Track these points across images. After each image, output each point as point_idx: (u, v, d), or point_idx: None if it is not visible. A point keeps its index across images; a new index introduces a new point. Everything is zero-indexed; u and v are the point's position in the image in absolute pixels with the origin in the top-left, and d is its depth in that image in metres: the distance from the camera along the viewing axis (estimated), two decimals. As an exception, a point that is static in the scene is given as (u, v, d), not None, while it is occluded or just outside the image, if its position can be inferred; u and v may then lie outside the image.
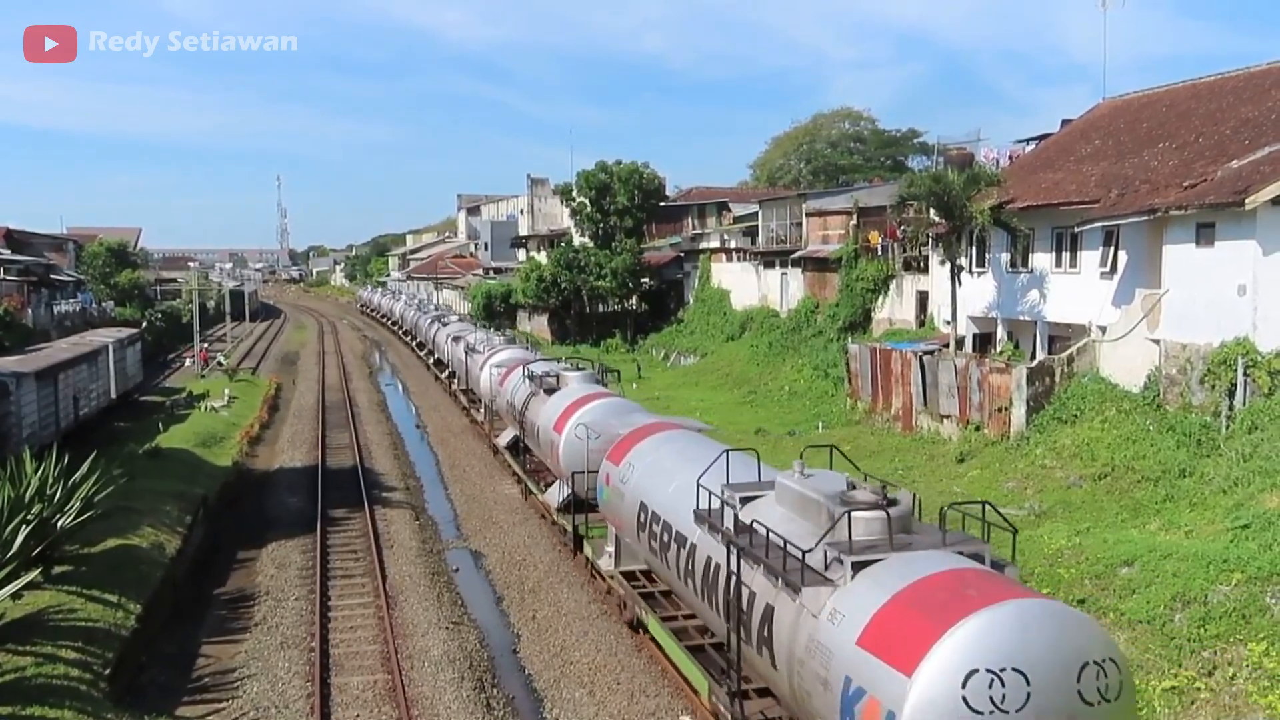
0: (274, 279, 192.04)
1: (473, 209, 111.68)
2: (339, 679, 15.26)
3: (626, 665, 15.64)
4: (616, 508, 16.35)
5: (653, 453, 15.87)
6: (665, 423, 17.85)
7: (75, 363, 31.56)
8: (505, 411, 28.02)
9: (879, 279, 37.66)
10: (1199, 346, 21.17)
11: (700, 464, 13.26)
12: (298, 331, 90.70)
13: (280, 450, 33.63)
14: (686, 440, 16.17)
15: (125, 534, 19.12)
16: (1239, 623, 13.35)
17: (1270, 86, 26.66)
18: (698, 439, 16.44)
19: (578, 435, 19.31)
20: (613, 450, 17.02)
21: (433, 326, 54.98)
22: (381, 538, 22.53)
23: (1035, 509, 20.03)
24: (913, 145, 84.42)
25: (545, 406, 22.56)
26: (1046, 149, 34.31)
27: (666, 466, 15.04)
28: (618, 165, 59.13)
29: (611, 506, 16.70)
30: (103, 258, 74.18)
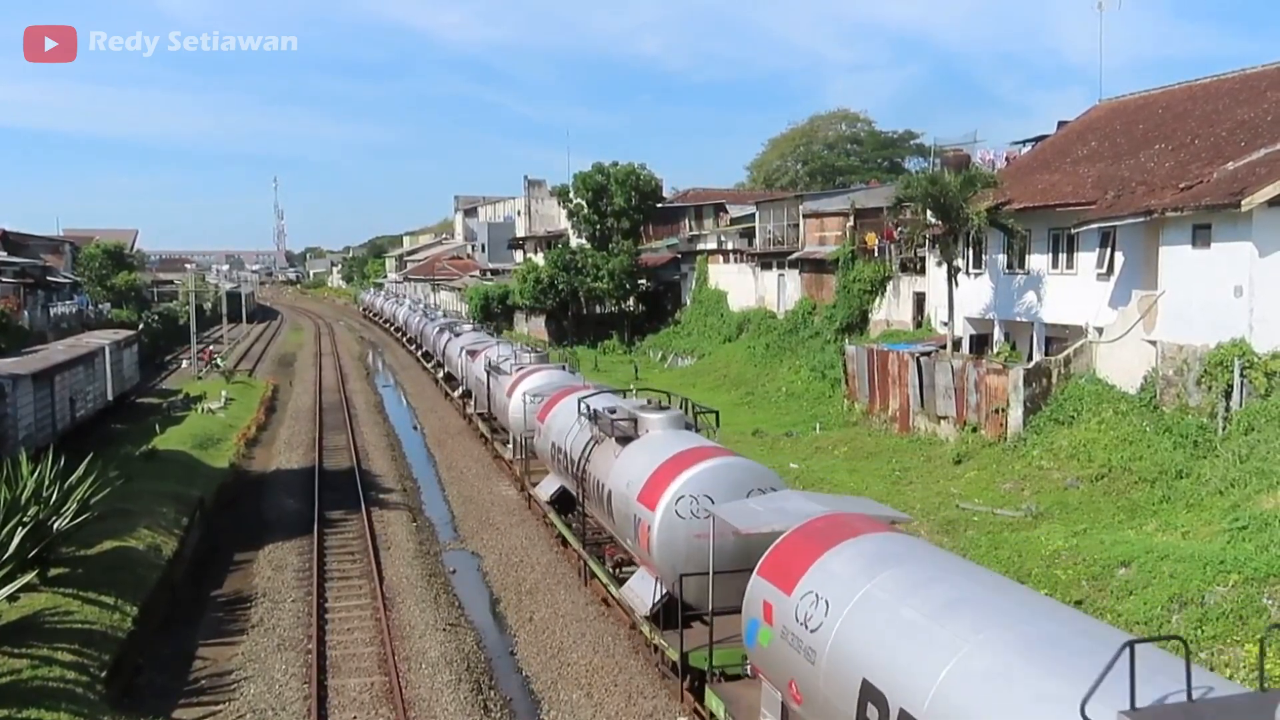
0: (271, 281, 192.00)
1: (470, 210, 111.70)
2: (336, 681, 15.23)
3: (624, 667, 15.63)
4: (790, 667, 9.84)
5: (865, 578, 9.32)
6: (853, 518, 11.05)
7: (72, 365, 31.51)
8: (549, 456, 21.84)
9: (876, 280, 37.68)
10: (1195, 348, 21.20)
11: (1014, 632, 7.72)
12: (294, 333, 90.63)
13: (277, 452, 33.59)
14: (922, 565, 9.49)
15: (122, 536, 19.09)
16: (1236, 624, 13.36)
17: (1266, 88, 26.72)
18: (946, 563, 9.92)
19: (679, 513, 14.21)
20: (779, 563, 10.60)
21: (442, 336, 47.92)
22: (379, 539, 22.50)
23: (1032, 510, 20.05)
24: (909, 147, 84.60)
25: (621, 464, 16.54)
26: (1043, 151, 34.36)
27: (911, 620, 8.48)
28: (614, 167, 59.14)
29: (778, 661, 10.18)
30: (99, 259, 74.11)
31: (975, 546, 18.22)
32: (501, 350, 32.91)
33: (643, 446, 16.52)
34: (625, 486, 15.84)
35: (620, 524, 16.27)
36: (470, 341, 40.24)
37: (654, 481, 14.93)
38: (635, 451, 16.49)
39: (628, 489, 15.67)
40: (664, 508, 14.32)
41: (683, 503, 14.20)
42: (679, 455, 15.21)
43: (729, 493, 13.92)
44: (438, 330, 50.73)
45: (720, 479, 14.33)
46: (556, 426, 21.33)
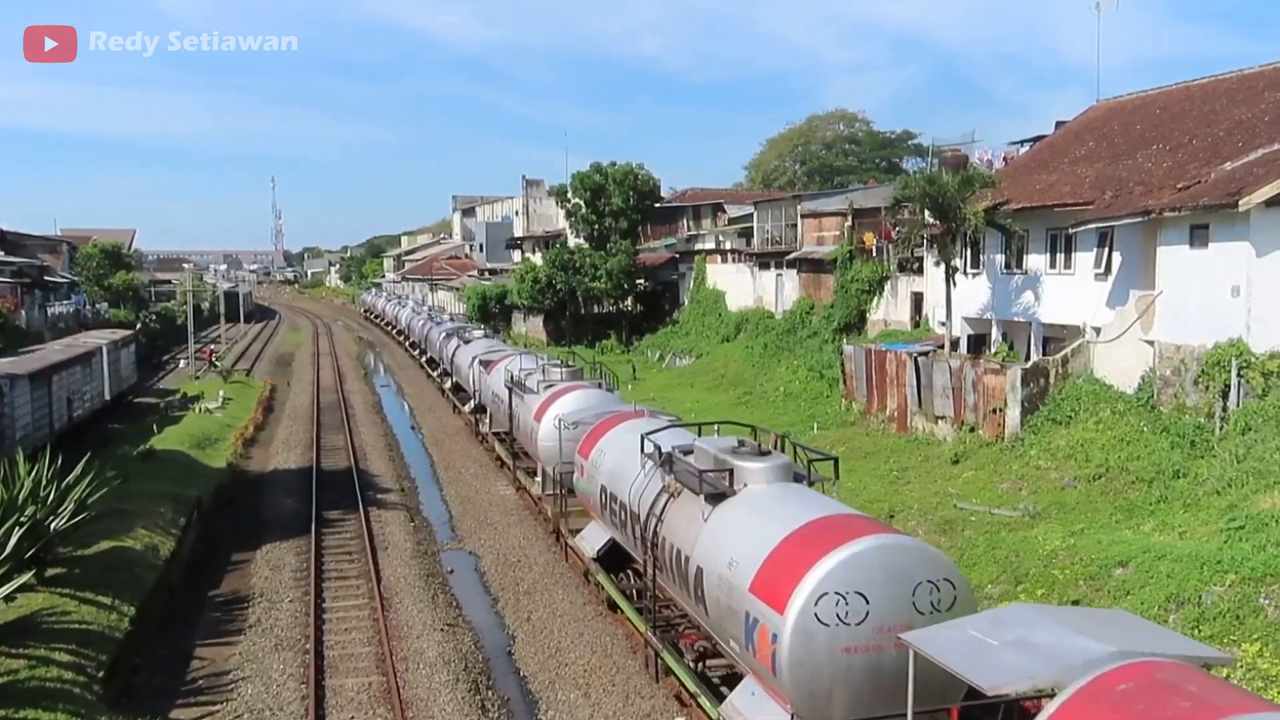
0: (269, 280, 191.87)
1: (468, 210, 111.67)
2: (334, 681, 15.23)
3: (622, 667, 15.63)
4: None
5: None
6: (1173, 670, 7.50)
7: (69, 364, 31.49)
8: (597, 502, 17.64)
9: (874, 280, 37.69)
10: (1193, 348, 21.22)
11: None
12: (292, 333, 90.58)
13: (275, 452, 33.57)
14: None
15: (119, 536, 19.08)
16: (1233, 623, 13.38)
17: (1263, 89, 26.74)
18: None
19: (820, 618, 10.26)
20: None
21: (450, 343, 43.38)
22: (376, 539, 22.50)
23: (1030, 510, 20.06)
24: (907, 147, 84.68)
25: (715, 532, 12.48)
26: (1041, 151, 34.38)
27: None
28: (613, 167, 59.13)
29: None
30: (97, 259, 74.04)
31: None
32: (524, 363, 27.76)
33: (746, 509, 12.41)
34: (727, 567, 11.79)
35: (718, 618, 12.15)
36: (484, 350, 35.74)
37: (777, 566, 10.90)
38: (735, 515, 12.39)
39: (731, 572, 11.68)
40: (799, 611, 10.22)
41: (825, 603, 10.17)
42: (809, 529, 11.15)
43: (890, 587, 10.31)
44: (444, 335, 46.30)
45: (877, 568, 10.36)
46: (607, 466, 17.22)
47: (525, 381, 25.39)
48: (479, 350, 36.02)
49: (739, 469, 12.97)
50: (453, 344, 42.46)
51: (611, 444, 17.55)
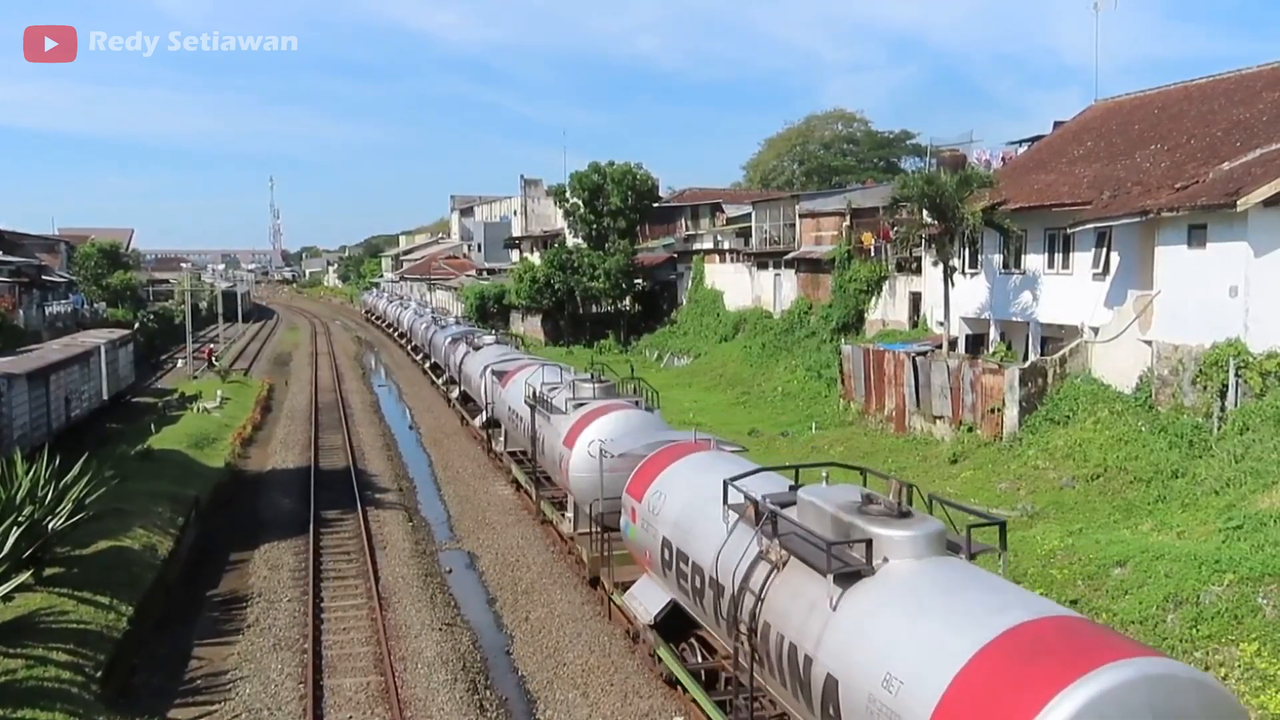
0: (267, 280, 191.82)
1: (466, 210, 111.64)
2: (332, 681, 15.21)
3: (620, 667, 15.62)
4: None
5: None
6: None
7: (67, 364, 31.46)
8: (658, 558, 14.00)
9: (872, 280, 37.73)
10: (1191, 348, 21.25)
11: None
12: (290, 332, 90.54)
13: (273, 451, 33.55)
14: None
15: (117, 536, 19.06)
16: (1231, 623, 13.39)
17: (1262, 88, 26.78)
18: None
19: None
20: None
21: (457, 349, 39.37)
22: (374, 539, 22.48)
23: (1028, 510, 20.07)
24: (906, 147, 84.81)
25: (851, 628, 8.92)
26: (1039, 151, 34.41)
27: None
28: (611, 166, 59.14)
29: None
30: (95, 259, 73.98)
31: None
32: (547, 375, 23.03)
33: (894, 598, 8.84)
34: (881, 685, 8.17)
35: None
36: (497, 358, 31.55)
37: (975, 698, 7.36)
38: (882, 607, 8.82)
39: (890, 695, 8.06)
40: None
41: None
42: (1016, 641, 7.58)
43: None
44: (450, 340, 42.22)
45: (1143, 711, 6.85)
46: (671, 514, 13.70)
47: (551, 399, 21.61)
48: (491, 358, 31.96)
49: (879, 538, 9.30)
50: (460, 350, 38.37)
51: (674, 484, 14.20)
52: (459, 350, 38.52)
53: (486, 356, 33.02)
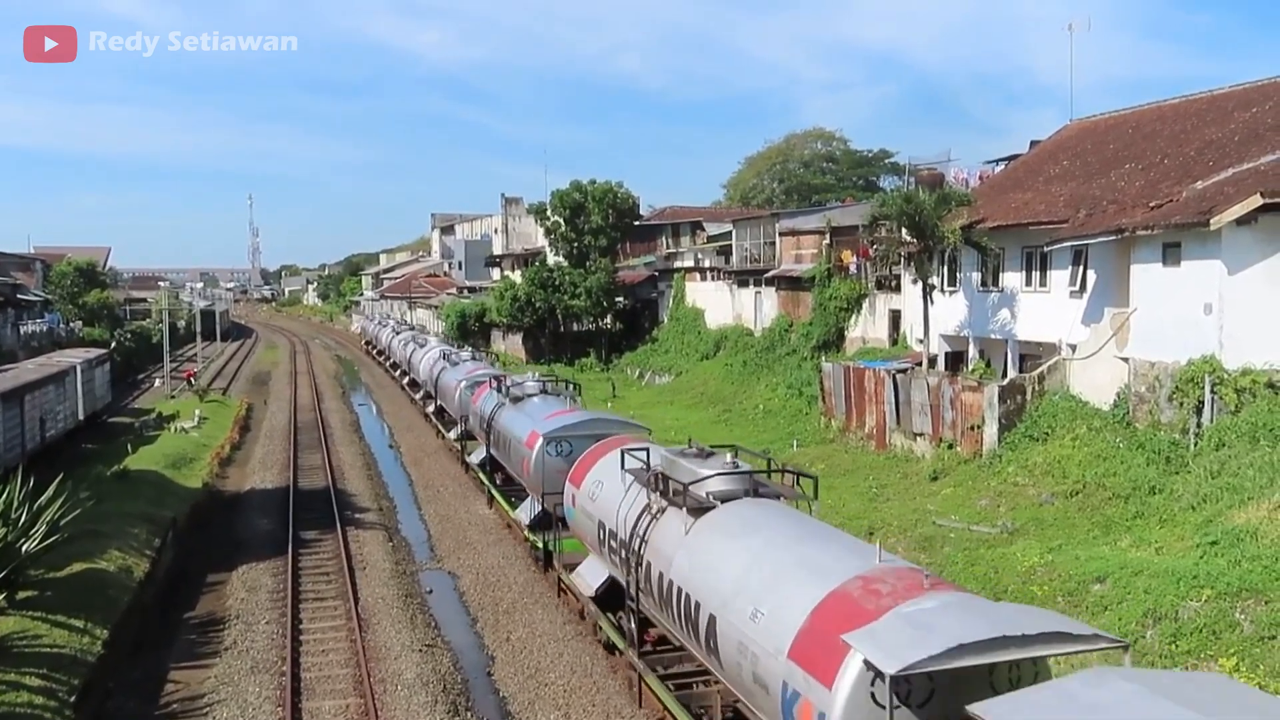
0: (245, 298, 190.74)
1: (447, 228, 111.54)
2: (310, 704, 15.05)
3: (602, 687, 15.54)
4: None
5: None
6: None
7: (42, 384, 31.12)
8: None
9: (852, 298, 37.92)
10: (1167, 364, 21.44)
11: None
12: (269, 351, 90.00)
13: (251, 471, 33.27)
14: None
15: (92, 558, 18.82)
16: (1209, 638, 13.48)
17: (1233, 109, 27.18)
18: None
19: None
20: None
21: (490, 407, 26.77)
22: (354, 559, 22.31)
23: (1008, 527, 20.15)
24: (884, 165, 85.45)
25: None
26: (1015, 169, 34.76)
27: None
28: (592, 185, 59.28)
29: None
30: (71, 277, 73.43)
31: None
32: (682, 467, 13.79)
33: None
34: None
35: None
36: (566, 428, 20.70)
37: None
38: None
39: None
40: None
41: None
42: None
43: None
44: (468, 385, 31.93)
45: None
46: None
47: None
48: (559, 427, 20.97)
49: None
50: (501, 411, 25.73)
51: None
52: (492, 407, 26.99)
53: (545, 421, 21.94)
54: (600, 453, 17.10)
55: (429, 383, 42.51)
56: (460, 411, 33.25)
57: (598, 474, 16.53)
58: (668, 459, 14.08)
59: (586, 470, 17.07)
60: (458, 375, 35.25)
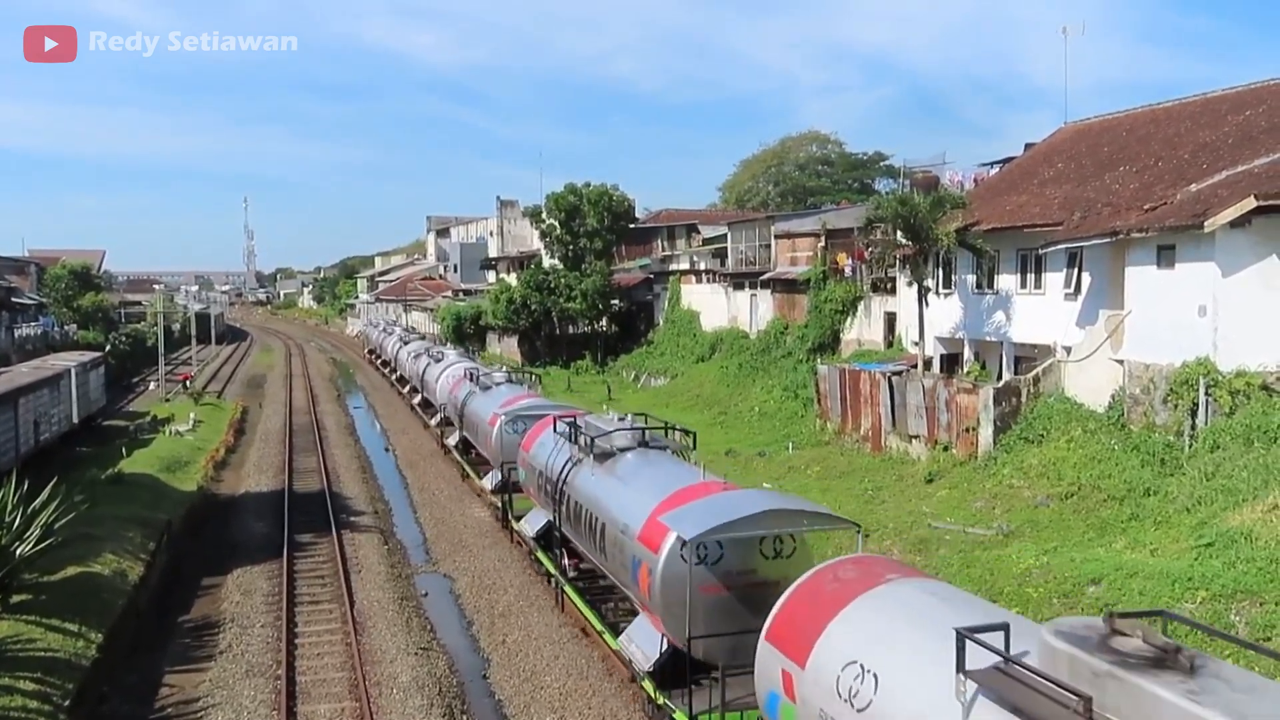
0: (241, 301, 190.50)
1: (442, 231, 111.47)
2: (306, 707, 15.02)
3: (598, 690, 15.53)
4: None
5: None
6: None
7: (36, 387, 31.03)
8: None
9: (847, 300, 37.95)
10: (1161, 366, 21.49)
11: None
12: (265, 354, 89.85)
13: (246, 475, 33.21)
14: None
15: (86, 561, 18.77)
16: (1204, 640, 13.48)
17: (1227, 112, 27.27)
18: None
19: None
20: None
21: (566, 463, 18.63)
22: (349, 563, 22.27)
23: (1003, 529, 20.18)
24: (879, 168, 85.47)
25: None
26: (1010, 172, 34.83)
27: None
28: (587, 187, 59.29)
29: None
30: (65, 280, 73.26)
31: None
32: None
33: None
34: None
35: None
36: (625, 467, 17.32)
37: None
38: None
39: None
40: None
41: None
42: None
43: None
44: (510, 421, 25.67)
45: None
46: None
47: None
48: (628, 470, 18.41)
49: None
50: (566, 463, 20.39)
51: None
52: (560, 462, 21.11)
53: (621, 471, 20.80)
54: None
55: (449, 408, 34.58)
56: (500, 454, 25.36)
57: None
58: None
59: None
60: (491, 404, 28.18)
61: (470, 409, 30.40)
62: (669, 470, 15.87)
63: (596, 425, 18.34)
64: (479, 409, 29.11)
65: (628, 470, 16.47)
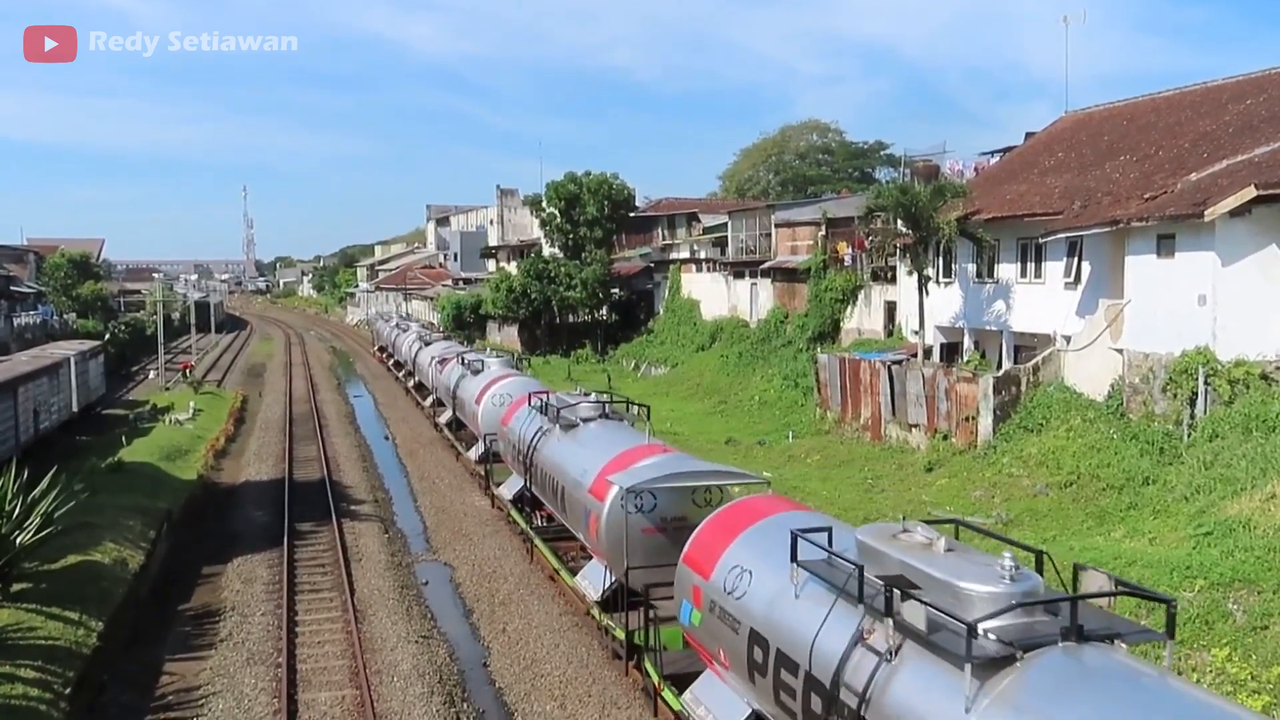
0: (240, 290, 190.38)
1: (442, 220, 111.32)
2: (306, 695, 15.06)
3: (598, 678, 15.57)
4: None
5: None
6: None
7: (35, 376, 31.03)
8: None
9: (847, 289, 37.94)
10: (1161, 356, 21.49)
11: None
12: (264, 343, 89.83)
13: (246, 463, 33.23)
14: None
15: (86, 550, 18.79)
16: (1202, 628, 13.54)
17: (1227, 101, 27.20)
18: None
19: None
20: None
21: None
22: (349, 551, 22.30)
23: (1002, 517, 20.22)
24: (880, 157, 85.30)
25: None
26: (1011, 161, 34.76)
27: None
28: (587, 176, 59.18)
29: None
30: (64, 269, 73.19)
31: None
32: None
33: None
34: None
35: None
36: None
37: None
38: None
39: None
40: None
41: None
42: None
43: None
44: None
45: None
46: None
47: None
48: None
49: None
50: None
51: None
52: None
53: None
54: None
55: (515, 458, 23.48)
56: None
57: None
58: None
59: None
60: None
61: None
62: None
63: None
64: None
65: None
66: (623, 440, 17.88)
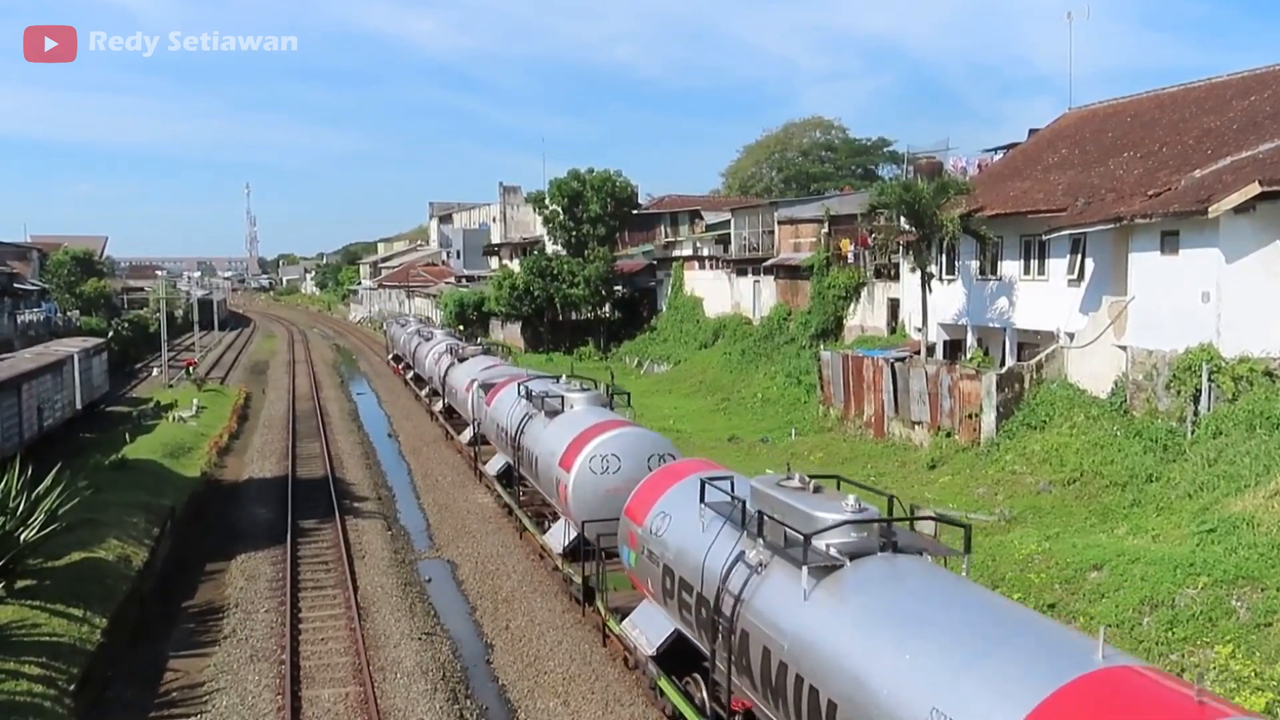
0: (243, 288, 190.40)
1: (445, 217, 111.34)
2: (310, 692, 15.09)
3: (601, 675, 15.59)
4: None
5: None
6: None
7: (39, 373, 31.09)
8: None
9: (850, 287, 37.91)
10: (1164, 353, 21.46)
11: None
12: (267, 340, 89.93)
13: (250, 461, 33.28)
14: None
15: (90, 547, 18.83)
16: (1206, 625, 13.52)
17: (1232, 97, 27.14)
18: None
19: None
20: None
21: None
22: (353, 548, 22.34)
23: (1005, 515, 20.20)
24: (883, 154, 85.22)
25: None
26: (1014, 158, 34.72)
27: None
28: (590, 173, 59.15)
29: None
30: (68, 267, 73.31)
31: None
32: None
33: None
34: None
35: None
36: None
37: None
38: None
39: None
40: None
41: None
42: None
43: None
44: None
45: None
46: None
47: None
48: None
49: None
50: None
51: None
52: None
53: None
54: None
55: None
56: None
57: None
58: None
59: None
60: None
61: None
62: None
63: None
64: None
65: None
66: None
